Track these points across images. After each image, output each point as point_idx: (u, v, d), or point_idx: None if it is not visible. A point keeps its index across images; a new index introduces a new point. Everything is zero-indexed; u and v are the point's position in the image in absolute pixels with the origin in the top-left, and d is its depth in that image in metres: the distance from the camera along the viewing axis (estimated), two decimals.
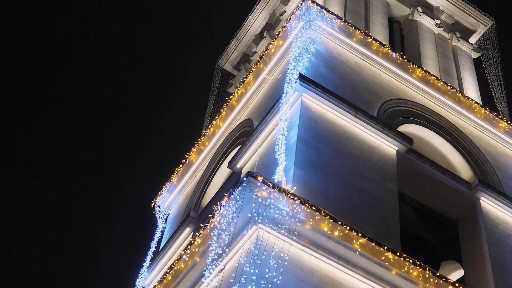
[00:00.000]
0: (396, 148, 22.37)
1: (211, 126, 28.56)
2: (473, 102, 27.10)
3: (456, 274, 23.99)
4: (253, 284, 14.99)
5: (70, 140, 60.44)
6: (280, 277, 15.34)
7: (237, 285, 15.06)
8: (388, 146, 22.25)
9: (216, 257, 16.39)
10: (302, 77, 21.74)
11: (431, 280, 17.49)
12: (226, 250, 16.40)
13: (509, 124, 27.49)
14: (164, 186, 30.02)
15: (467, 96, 27.24)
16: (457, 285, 17.87)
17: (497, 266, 21.33)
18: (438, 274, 17.77)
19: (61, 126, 60.83)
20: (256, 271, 15.26)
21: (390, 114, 23.89)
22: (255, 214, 16.14)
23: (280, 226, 16.22)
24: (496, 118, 27.26)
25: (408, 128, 24.60)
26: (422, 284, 17.37)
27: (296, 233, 16.29)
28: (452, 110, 26.39)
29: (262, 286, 15.04)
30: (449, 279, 17.93)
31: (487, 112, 27.12)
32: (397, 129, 23.28)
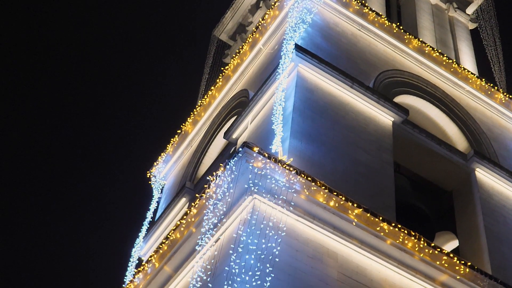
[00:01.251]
0: (392, 119, 22.38)
1: (207, 96, 28.49)
2: (469, 73, 27.07)
3: (451, 245, 24.09)
4: (251, 254, 15.03)
5: (64, 111, 60.35)
6: (278, 248, 15.39)
7: (234, 255, 15.11)
8: (384, 117, 22.25)
9: (211, 227, 16.43)
10: (298, 48, 21.66)
11: (426, 250, 17.57)
12: (222, 220, 16.43)
13: (505, 95, 27.49)
14: (159, 157, 30.03)
15: (463, 67, 27.20)
16: (451, 255, 17.94)
17: (492, 237, 21.42)
18: (433, 244, 17.84)
19: (55, 97, 60.71)
20: (255, 241, 15.30)
21: (386, 85, 23.86)
22: (251, 185, 16.16)
23: (276, 196, 16.24)
24: (492, 89, 27.26)
25: (404, 99, 24.58)
26: (417, 255, 17.44)
27: (292, 203, 16.32)
28: (448, 81, 26.37)
29: (260, 256, 15.08)
30: (443, 250, 18.00)
31: (483, 83, 27.11)
32: (393, 100, 23.27)
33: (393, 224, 17.43)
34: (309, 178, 16.89)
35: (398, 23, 26.51)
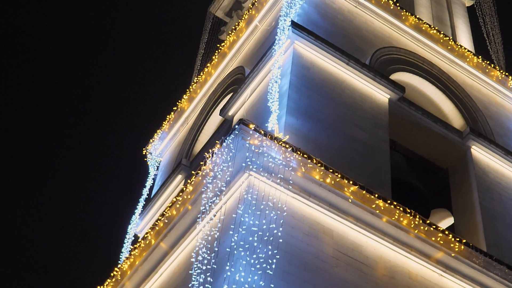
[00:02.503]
0: (388, 96, 22.36)
1: (203, 73, 28.43)
2: (466, 50, 27.03)
3: (446, 222, 24.19)
4: (248, 231, 15.07)
5: (60, 85, 60.20)
6: (275, 225, 15.43)
7: (230, 231, 15.15)
8: (380, 94, 22.24)
9: (207, 204, 16.45)
10: (294, 24, 21.60)
11: (421, 227, 17.62)
12: (218, 197, 16.45)
13: (502, 72, 27.47)
14: (155, 134, 30.02)
15: (460, 45, 27.15)
16: (447, 232, 18.00)
17: (487, 214, 21.50)
18: (428, 221, 17.90)
19: (51, 72, 60.53)
20: (251, 218, 15.33)
21: (383, 62, 23.82)
22: (248, 162, 16.17)
23: (272, 174, 16.26)
24: (489, 67, 27.23)
25: (400, 76, 24.56)
26: (412, 232, 17.50)
27: (289, 181, 16.34)
28: (444, 59, 26.33)
29: (256, 233, 15.12)
30: (439, 227, 18.07)
31: (480, 61, 27.07)
32: (389, 77, 23.24)
33: (389, 202, 17.48)
34: (305, 156, 16.89)
35: (394, 0, 26.43)
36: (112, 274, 19.99)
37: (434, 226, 17.91)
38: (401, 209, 17.55)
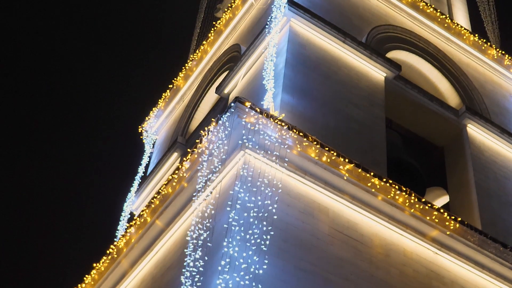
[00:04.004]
0: (384, 75, 22.34)
1: (199, 51, 28.35)
2: (463, 28, 26.97)
3: (442, 200, 24.26)
4: (244, 209, 15.09)
5: (53, 66, 59.98)
6: (269, 201, 15.46)
7: (227, 208, 15.17)
8: (376, 73, 22.21)
9: (203, 182, 16.46)
10: (290, 2, 21.52)
11: (417, 206, 17.66)
12: (214, 175, 16.46)
13: (498, 51, 27.42)
14: (151, 111, 29.99)
15: (456, 23, 27.09)
16: (442, 211, 18.05)
17: (482, 193, 21.55)
18: (423, 200, 17.94)
19: (48, 49, 60.31)
20: (247, 195, 15.35)
21: (379, 40, 23.77)
22: (244, 140, 16.16)
23: (267, 151, 16.26)
24: (485, 45, 27.19)
25: (397, 55, 24.51)
26: (408, 210, 17.54)
27: (284, 159, 16.35)
28: (441, 37, 26.28)
29: (252, 210, 15.15)
30: (434, 205, 18.10)
31: (476, 39, 27.02)
32: (386, 55, 23.19)
33: (384, 180, 17.50)
34: (300, 134, 16.89)
35: None
36: (108, 252, 20.03)
37: (430, 204, 17.95)
38: (397, 187, 17.58)
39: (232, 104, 16.60)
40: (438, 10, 26.85)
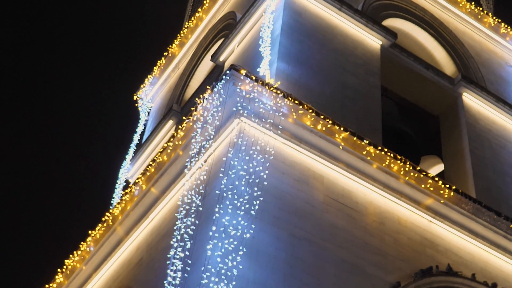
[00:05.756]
0: (380, 43, 22.27)
1: (194, 18, 28.20)
2: None
3: (436, 169, 24.30)
4: (239, 177, 15.11)
5: (49, 34, 59.66)
6: (266, 171, 15.47)
7: (220, 175, 15.18)
8: (372, 41, 22.13)
9: (198, 150, 16.46)
10: None
11: (411, 174, 17.69)
12: (209, 143, 16.45)
13: (494, 19, 27.31)
14: (146, 79, 29.89)
15: None
16: (436, 179, 18.09)
17: (477, 161, 21.59)
18: (418, 168, 17.97)
19: (44, 17, 59.96)
20: (242, 164, 15.36)
21: (375, 8, 23.64)
22: (239, 108, 16.12)
23: (263, 119, 16.24)
24: (482, 13, 27.07)
25: (393, 23, 24.40)
26: (402, 178, 17.58)
27: (279, 127, 16.33)
28: (437, 4, 26.14)
29: (247, 178, 15.16)
30: (429, 173, 18.14)
31: (472, 7, 26.89)
32: (382, 23, 23.09)
33: (379, 148, 17.51)
34: (296, 101, 16.85)
35: None
36: (103, 219, 20.07)
37: (424, 173, 17.99)
38: (392, 155, 17.60)
39: (228, 72, 16.54)
40: None
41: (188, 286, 13.82)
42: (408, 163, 17.74)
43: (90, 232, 20.46)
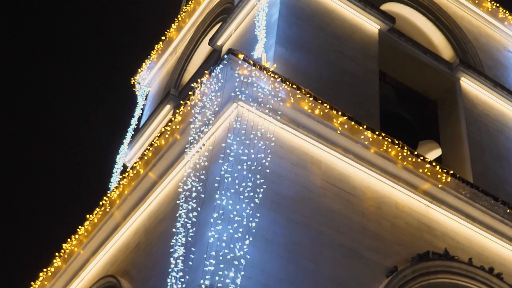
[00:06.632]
0: (378, 27, 22.21)
1: (192, 2, 28.11)
2: None
3: (434, 153, 24.31)
4: (237, 161, 15.11)
5: (45, 12, 59.49)
6: (263, 155, 15.47)
7: (220, 160, 15.18)
8: (370, 25, 22.07)
9: (196, 134, 16.45)
10: None
11: (409, 159, 17.70)
12: (207, 127, 16.44)
13: (493, 3, 27.24)
14: (144, 63, 29.84)
15: None
16: (434, 164, 18.10)
17: (474, 146, 21.60)
18: (415, 153, 17.97)
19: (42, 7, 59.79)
20: (241, 148, 15.35)
21: None
22: (237, 92, 16.10)
23: (261, 104, 16.22)
24: None
25: (391, 7, 24.34)
26: (400, 163, 17.58)
27: (277, 111, 16.31)
28: None
29: (245, 163, 15.17)
30: (426, 158, 18.15)
31: None
32: (380, 7, 23.03)
33: (377, 133, 17.50)
34: (294, 86, 16.83)
35: None
36: (101, 203, 20.08)
37: (422, 158, 17.99)
38: (389, 140, 17.60)
39: (225, 56, 16.50)
40: None
41: (190, 273, 13.85)
42: (405, 148, 17.75)
43: (87, 216, 20.48)
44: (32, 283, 21.80)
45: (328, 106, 17.05)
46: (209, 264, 13.43)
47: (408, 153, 17.73)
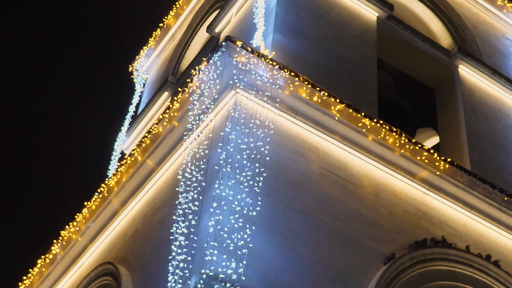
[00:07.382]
0: (377, 14, 22.18)
1: None
2: None
3: (432, 141, 24.32)
4: (235, 149, 15.10)
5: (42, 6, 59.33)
6: (262, 143, 15.47)
7: (219, 149, 15.18)
8: (368, 12, 22.04)
9: (194, 121, 16.43)
10: None
11: (407, 146, 17.71)
12: (205, 115, 16.42)
13: None
14: (141, 50, 29.78)
15: None
16: (432, 151, 18.11)
17: (472, 133, 21.61)
18: (413, 140, 17.98)
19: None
20: (240, 136, 15.34)
21: None
22: (235, 79, 16.08)
23: (259, 91, 16.20)
24: None
25: None
26: (398, 150, 17.59)
27: (275, 99, 16.30)
28: None
29: (243, 150, 15.17)
30: (424, 146, 18.16)
31: None
32: None
33: (375, 120, 17.50)
34: (292, 73, 16.81)
35: None
36: (99, 191, 20.07)
37: (420, 145, 18.00)
38: (387, 127, 17.60)
39: (223, 43, 16.48)
40: None
41: (192, 261, 13.84)
42: (403, 135, 17.75)
43: (86, 203, 20.48)
44: (30, 270, 21.82)
45: (326, 94, 17.04)
46: (209, 254, 13.43)
47: (406, 140, 17.74)
